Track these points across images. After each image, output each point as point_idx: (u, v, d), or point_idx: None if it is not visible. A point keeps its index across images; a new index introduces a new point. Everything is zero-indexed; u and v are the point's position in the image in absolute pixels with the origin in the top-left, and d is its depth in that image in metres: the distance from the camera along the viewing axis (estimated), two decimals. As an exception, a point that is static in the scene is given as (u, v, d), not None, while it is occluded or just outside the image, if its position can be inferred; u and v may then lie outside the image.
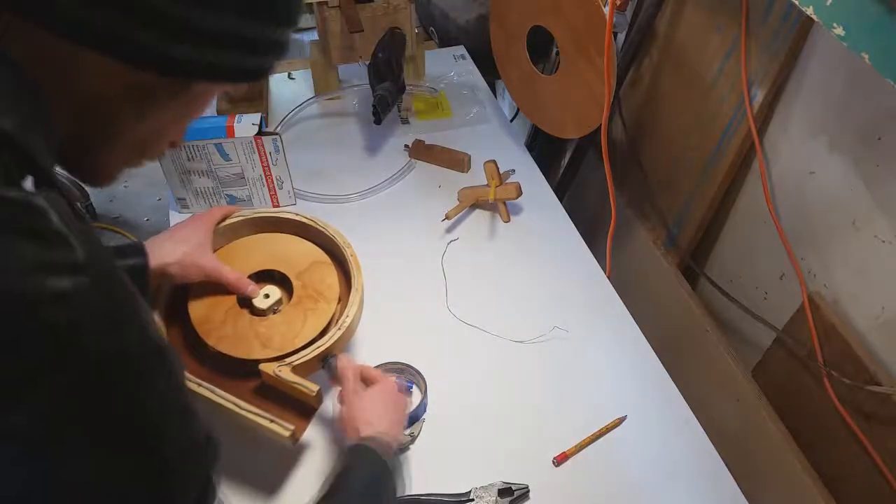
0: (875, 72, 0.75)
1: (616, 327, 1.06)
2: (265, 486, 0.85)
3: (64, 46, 0.41)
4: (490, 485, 0.85)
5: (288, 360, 0.82)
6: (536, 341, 1.02)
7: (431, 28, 1.77)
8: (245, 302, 0.88)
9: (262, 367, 0.81)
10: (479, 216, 1.22)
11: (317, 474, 0.86)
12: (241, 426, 0.79)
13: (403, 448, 0.89)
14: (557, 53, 1.52)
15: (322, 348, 0.84)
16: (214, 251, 0.91)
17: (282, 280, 0.92)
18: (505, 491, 0.84)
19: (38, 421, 0.36)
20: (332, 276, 0.91)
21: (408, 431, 0.89)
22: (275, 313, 0.88)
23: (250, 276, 0.90)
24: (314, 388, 0.80)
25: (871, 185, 0.97)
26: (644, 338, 1.05)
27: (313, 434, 0.89)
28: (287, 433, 0.77)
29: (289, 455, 0.87)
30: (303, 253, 0.94)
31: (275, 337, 0.85)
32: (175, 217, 1.20)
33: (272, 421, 0.78)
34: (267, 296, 0.88)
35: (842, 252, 1.04)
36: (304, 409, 0.81)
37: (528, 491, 0.85)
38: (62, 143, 0.45)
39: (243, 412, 0.78)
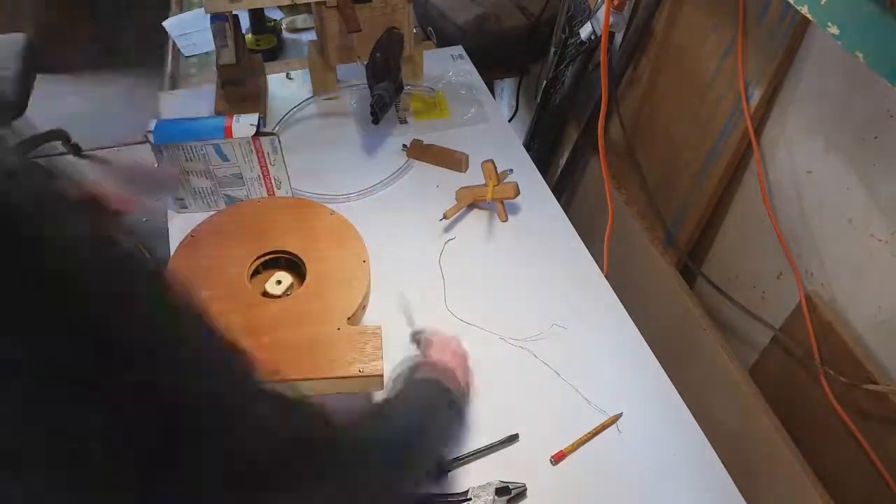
0: (871, 71, 0.76)
1: (613, 326, 1.06)
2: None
3: None
4: (487, 484, 0.85)
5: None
6: (534, 340, 1.03)
7: (429, 28, 1.77)
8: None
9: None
10: (477, 216, 1.22)
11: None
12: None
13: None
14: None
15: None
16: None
17: (288, 265, 0.97)
18: (502, 490, 0.84)
19: None
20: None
21: None
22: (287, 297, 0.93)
23: (265, 255, 0.96)
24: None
25: (867, 183, 0.97)
26: (641, 336, 1.05)
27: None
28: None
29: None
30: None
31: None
32: (174, 218, 1.20)
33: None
34: (279, 282, 0.93)
35: (839, 251, 1.04)
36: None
37: (525, 490, 0.85)
38: None
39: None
